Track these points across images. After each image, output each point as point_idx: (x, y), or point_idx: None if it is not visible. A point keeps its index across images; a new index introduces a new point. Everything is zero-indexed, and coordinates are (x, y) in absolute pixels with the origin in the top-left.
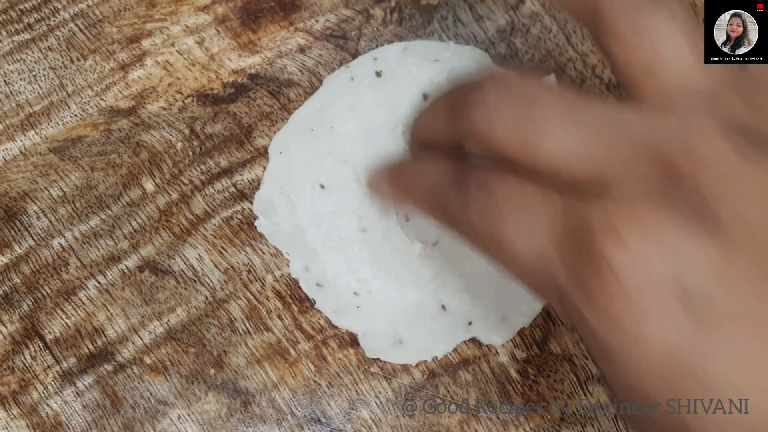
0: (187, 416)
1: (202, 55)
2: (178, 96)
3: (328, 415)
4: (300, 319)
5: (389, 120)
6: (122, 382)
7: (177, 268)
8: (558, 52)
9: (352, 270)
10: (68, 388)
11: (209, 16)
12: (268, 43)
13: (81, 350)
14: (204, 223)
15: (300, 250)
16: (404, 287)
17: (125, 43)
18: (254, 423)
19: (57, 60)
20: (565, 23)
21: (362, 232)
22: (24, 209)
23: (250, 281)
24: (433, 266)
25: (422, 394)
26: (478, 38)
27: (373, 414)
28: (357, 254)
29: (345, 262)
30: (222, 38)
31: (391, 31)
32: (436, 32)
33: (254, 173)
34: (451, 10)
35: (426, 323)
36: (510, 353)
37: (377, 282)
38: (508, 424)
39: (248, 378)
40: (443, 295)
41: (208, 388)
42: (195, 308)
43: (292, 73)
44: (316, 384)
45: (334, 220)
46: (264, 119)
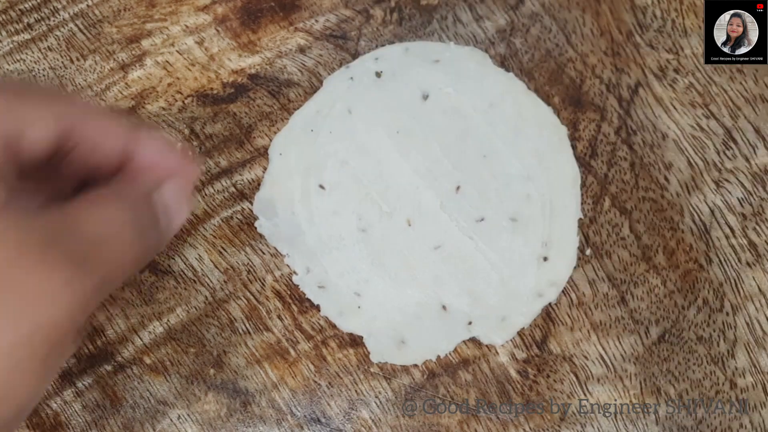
0: (186, 416)
1: (202, 55)
2: (178, 96)
3: (328, 415)
4: (300, 319)
5: (389, 121)
6: (122, 382)
7: (177, 268)
8: (558, 52)
9: (352, 270)
10: (68, 389)
11: (209, 16)
12: (267, 43)
13: (81, 350)
14: (204, 223)
15: (300, 250)
16: (404, 287)
17: (125, 43)
18: (254, 423)
19: (57, 60)
20: (565, 23)
21: (362, 232)
22: None
23: (250, 281)
24: (433, 268)
25: (422, 394)
26: (478, 38)
27: (373, 414)
28: (357, 254)
29: (345, 262)
30: (222, 38)
31: (391, 31)
32: (435, 32)
33: (254, 173)
34: (450, 10)
35: (427, 323)
36: (510, 353)
37: (378, 282)
38: (508, 424)
39: (248, 378)
40: (443, 295)
41: (207, 388)
42: (195, 308)
43: (292, 73)
44: (316, 384)
45: (334, 221)
46: (264, 119)
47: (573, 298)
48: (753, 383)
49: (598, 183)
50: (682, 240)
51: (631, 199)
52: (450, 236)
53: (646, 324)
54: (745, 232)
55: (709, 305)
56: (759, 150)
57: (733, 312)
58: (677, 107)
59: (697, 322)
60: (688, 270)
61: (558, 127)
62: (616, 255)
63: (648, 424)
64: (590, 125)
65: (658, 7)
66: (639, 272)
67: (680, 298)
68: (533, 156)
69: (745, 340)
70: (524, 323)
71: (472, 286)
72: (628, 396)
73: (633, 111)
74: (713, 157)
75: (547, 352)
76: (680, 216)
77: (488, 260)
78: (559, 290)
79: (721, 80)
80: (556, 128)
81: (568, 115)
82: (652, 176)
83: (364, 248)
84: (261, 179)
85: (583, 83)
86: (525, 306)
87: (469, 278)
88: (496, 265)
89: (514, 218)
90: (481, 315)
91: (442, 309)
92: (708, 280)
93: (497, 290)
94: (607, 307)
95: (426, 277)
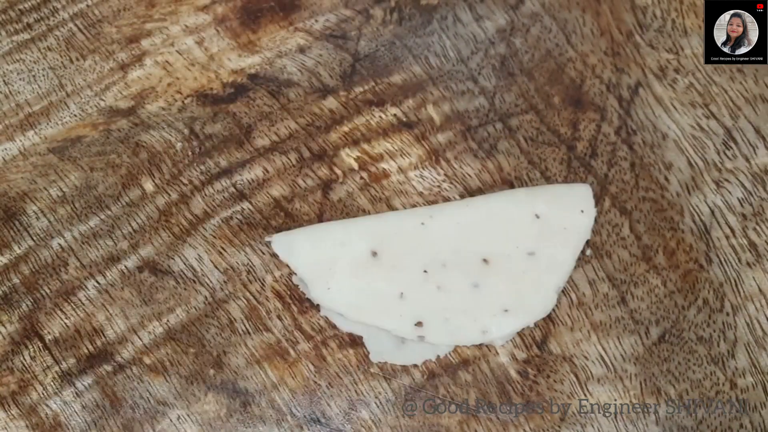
0: (186, 416)
1: (202, 55)
2: (178, 96)
3: (328, 416)
4: (300, 319)
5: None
6: (122, 382)
7: (176, 268)
8: (558, 52)
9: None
10: (67, 389)
11: (209, 16)
12: (267, 43)
13: (80, 351)
14: (203, 223)
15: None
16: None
17: (125, 43)
18: (254, 423)
19: (56, 60)
20: (565, 23)
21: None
22: (23, 209)
23: (250, 281)
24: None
25: (422, 394)
26: (478, 38)
27: (373, 414)
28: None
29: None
30: (222, 38)
31: (391, 31)
32: (435, 32)
33: (254, 173)
34: (450, 10)
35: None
36: (510, 353)
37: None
38: (508, 424)
39: (248, 378)
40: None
41: (207, 388)
42: (194, 308)
43: (292, 73)
44: (315, 384)
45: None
46: (264, 119)
47: (573, 298)
48: (753, 383)
49: (598, 183)
50: (682, 240)
51: (631, 200)
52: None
53: (646, 324)
54: (745, 232)
55: (709, 305)
56: (759, 150)
57: (733, 312)
58: (677, 107)
59: (697, 322)
60: (689, 270)
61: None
62: (616, 255)
63: (648, 425)
64: (590, 125)
65: (658, 7)
66: (639, 272)
67: (680, 299)
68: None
69: (745, 340)
70: (525, 323)
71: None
72: (628, 396)
73: (633, 111)
74: (713, 157)
75: (547, 353)
76: (680, 216)
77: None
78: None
79: (721, 80)
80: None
81: (568, 115)
82: (652, 176)
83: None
84: (261, 179)
85: (583, 83)
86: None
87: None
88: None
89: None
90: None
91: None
92: (708, 280)
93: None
94: (607, 308)
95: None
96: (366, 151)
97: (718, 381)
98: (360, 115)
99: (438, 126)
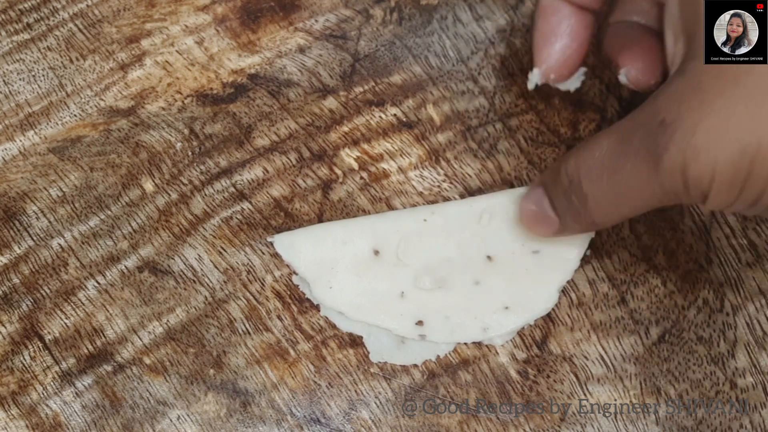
0: (186, 416)
1: (202, 55)
2: (178, 96)
3: (328, 416)
4: (300, 319)
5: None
6: (122, 382)
7: (176, 268)
8: None
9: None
10: (67, 389)
11: (209, 15)
12: (267, 43)
13: (80, 351)
14: (203, 223)
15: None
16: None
17: (125, 43)
18: (254, 423)
19: (56, 60)
20: None
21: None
22: (23, 209)
23: (250, 281)
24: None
25: (422, 394)
26: (478, 38)
27: (373, 414)
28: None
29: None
30: (221, 38)
31: (391, 31)
32: (435, 32)
33: (254, 173)
34: (450, 10)
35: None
36: (510, 353)
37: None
38: (508, 424)
39: (248, 378)
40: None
41: (207, 388)
42: (194, 308)
43: (292, 73)
44: (315, 384)
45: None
46: (264, 119)
47: (573, 298)
48: (753, 383)
49: None
50: (682, 240)
51: None
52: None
53: (646, 324)
54: (745, 232)
55: (709, 305)
56: None
57: (733, 312)
58: None
59: (697, 322)
60: (688, 270)
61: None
62: (616, 255)
63: (648, 425)
64: (590, 125)
65: None
66: (639, 272)
67: (680, 299)
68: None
69: (745, 340)
70: (525, 323)
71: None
72: (628, 396)
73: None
74: None
75: (547, 353)
76: (680, 216)
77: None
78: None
79: None
80: None
81: (568, 115)
82: None
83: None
84: (261, 179)
85: (583, 83)
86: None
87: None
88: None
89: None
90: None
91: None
92: (708, 280)
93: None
94: (607, 308)
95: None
96: (366, 151)
97: (718, 381)
98: (360, 115)
99: (438, 126)
